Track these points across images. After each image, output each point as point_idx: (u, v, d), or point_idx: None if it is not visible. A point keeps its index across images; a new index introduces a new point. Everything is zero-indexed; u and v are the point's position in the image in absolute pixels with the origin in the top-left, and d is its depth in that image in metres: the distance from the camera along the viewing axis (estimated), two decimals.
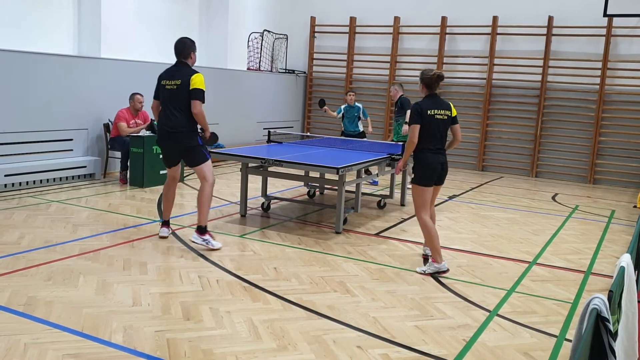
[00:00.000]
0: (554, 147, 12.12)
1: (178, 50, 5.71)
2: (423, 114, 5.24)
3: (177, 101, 5.54)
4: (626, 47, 11.43)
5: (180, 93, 5.51)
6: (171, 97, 5.57)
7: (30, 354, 3.36)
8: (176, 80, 5.55)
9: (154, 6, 10.99)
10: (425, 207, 5.41)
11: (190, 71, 5.61)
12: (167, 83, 5.62)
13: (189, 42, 5.77)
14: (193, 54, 5.77)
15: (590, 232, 7.24)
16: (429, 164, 5.30)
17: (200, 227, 5.62)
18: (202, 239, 5.58)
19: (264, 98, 13.24)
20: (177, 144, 5.62)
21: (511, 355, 3.70)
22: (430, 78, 5.34)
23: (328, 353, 3.59)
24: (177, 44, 5.73)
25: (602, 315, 2.24)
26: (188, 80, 5.49)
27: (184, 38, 5.79)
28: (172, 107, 5.56)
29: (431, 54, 12.94)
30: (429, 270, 5.25)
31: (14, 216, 6.46)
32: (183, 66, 5.67)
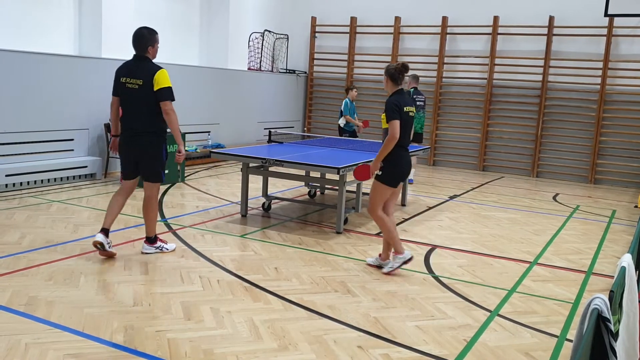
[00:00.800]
0: (554, 147, 12.11)
1: (135, 43, 5.09)
2: (401, 111, 5.09)
3: (140, 102, 5.03)
4: (627, 47, 11.43)
5: (143, 94, 5.00)
6: (133, 97, 5.05)
7: (31, 354, 3.37)
8: (137, 80, 5.01)
9: (154, 6, 10.99)
10: (381, 205, 5.26)
11: (152, 68, 5.04)
12: (127, 81, 5.07)
13: (147, 34, 5.10)
14: (152, 47, 5.14)
15: (591, 232, 7.24)
16: (402, 164, 5.19)
17: (150, 238, 5.37)
18: (155, 247, 5.35)
19: (265, 98, 13.24)
20: (139, 147, 5.12)
21: (512, 356, 3.70)
22: (396, 69, 5.19)
23: (329, 353, 3.59)
24: (133, 36, 5.10)
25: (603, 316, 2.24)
26: (151, 79, 4.97)
27: (142, 29, 5.14)
28: (135, 108, 5.06)
29: (432, 54, 12.94)
30: (396, 264, 5.19)
31: (15, 216, 6.47)
32: (143, 61, 5.09)
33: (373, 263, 5.41)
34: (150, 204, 5.33)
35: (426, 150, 9.27)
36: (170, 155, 6.31)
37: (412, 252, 5.92)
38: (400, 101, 5.12)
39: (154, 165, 5.22)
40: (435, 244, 6.28)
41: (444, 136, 13.13)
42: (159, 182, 5.29)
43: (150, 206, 5.33)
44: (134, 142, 5.14)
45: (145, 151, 5.16)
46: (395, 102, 5.08)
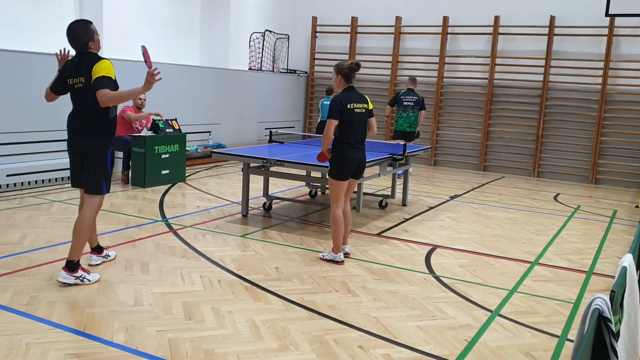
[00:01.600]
0: (555, 147, 12.11)
1: (71, 43, 4.54)
2: (343, 109, 5.26)
3: (84, 102, 4.49)
4: (628, 47, 11.42)
5: (85, 92, 4.44)
6: (78, 97, 4.54)
7: (32, 353, 3.37)
8: (81, 77, 4.46)
9: (155, 6, 11.00)
10: (339, 200, 5.46)
11: (93, 61, 4.44)
12: (73, 81, 4.53)
13: (80, 31, 4.51)
14: (93, 41, 4.55)
15: (592, 232, 7.24)
16: (347, 158, 5.37)
17: (71, 263, 4.46)
18: (75, 277, 4.46)
19: (266, 98, 13.25)
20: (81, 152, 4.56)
21: (513, 356, 3.70)
22: (349, 68, 5.32)
23: (330, 353, 3.59)
24: (67, 34, 4.52)
25: (604, 316, 2.24)
26: (91, 74, 4.38)
27: (73, 25, 4.54)
28: (80, 110, 4.54)
29: (433, 54, 12.94)
30: (327, 257, 5.43)
31: (16, 216, 6.47)
32: (85, 56, 4.50)
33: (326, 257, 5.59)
34: (83, 220, 4.53)
35: (427, 150, 9.29)
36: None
37: (413, 252, 5.93)
38: (344, 100, 5.31)
39: (95, 174, 4.55)
40: (436, 244, 6.28)
41: (444, 136, 13.13)
42: (99, 194, 4.60)
43: (82, 222, 4.53)
44: (77, 145, 4.57)
45: (87, 157, 4.55)
46: (338, 101, 5.29)
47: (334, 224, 5.45)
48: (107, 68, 4.40)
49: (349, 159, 5.41)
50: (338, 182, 5.42)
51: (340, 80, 5.40)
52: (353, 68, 5.34)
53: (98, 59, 4.44)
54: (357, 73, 5.44)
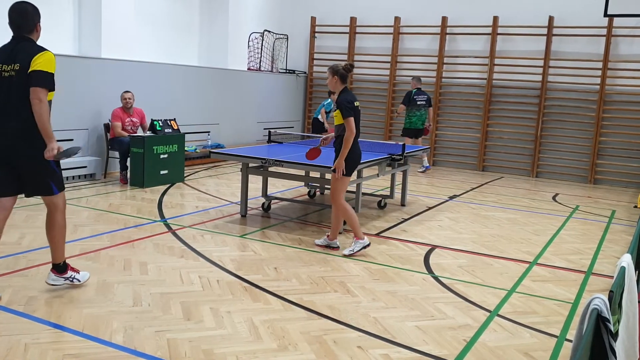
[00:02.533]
0: (554, 147, 12.12)
1: (17, 22, 4.03)
2: (354, 107, 5.49)
3: (18, 96, 3.89)
4: (627, 47, 11.43)
5: (21, 83, 3.88)
6: (9, 87, 3.92)
7: (31, 354, 3.37)
8: (15, 64, 3.91)
9: (154, 6, 10.99)
10: (343, 194, 5.73)
11: (34, 49, 3.97)
12: (4, 68, 3.94)
13: (30, 9, 4.07)
14: (38, 26, 4.15)
15: (591, 232, 7.24)
16: (355, 154, 5.63)
17: (58, 266, 4.35)
18: (64, 278, 4.38)
19: (265, 98, 13.24)
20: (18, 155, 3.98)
21: (512, 356, 3.70)
22: (344, 69, 5.56)
23: (328, 353, 3.59)
24: (13, 13, 4.03)
25: (603, 316, 2.24)
26: (29, 62, 3.88)
27: (24, 3, 4.09)
28: (11, 104, 3.92)
29: (431, 54, 12.94)
30: (356, 248, 5.64)
31: (15, 216, 6.45)
32: (25, 42, 4.03)
33: (321, 243, 5.90)
34: (53, 221, 4.22)
35: (426, 150, 9.29)
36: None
37: (412, 252, 5.93)
38: (351, 98, 5.53)
39: (42, 175, 4.07)
40: (435, 244, 6.29)
41: (443, 136, 13.13)
42: (53, 194, 4.16)
43: (53, 224, 4.23)
44: (11, 147, 3.97)
45: (28, 159, 4.01)
46: (348, 100, 5.47)
47: (347, 213, 5.67)
48: (51, 61, 3.91)
49: (357, 155, 5.68)
50: (344, 178, 5.63)
51: (336, 81, 5.59)
52: (348, 69, 5.58)
53: (41, 49, 3.97)
54: (354, 73, 5.61)
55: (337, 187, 5.66)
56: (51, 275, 4.38)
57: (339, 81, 5.57)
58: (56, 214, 4.24)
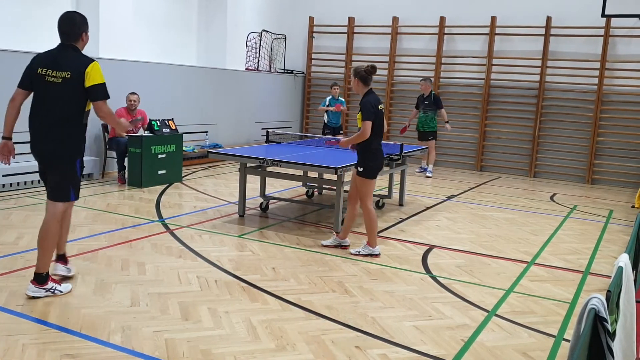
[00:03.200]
0: (552, 147, 12.13)
1: (65, 30, 4.18)
2: (376, 111, 5.50)
3: (63, 102, 4.10)
4: (624, 48, 11.45)
5: (68, 90, 4.08)
6: (54, 95, 4.10)
7: (29, 354, 3.36)
8: (64, 72, 4.08)
9: (152, 6, 10.98)
10: (370, 197, 5.74)
11: (83, 59, 4.14)
12: (48, 73, 4.10)
13: (79, 19, 4.22)
14: (85, 35, 4.27)
15: (589, 232, 7.25)
16: (379, 159, 5.69)
17: (40, 276, 4.18)
18: (45, 289, 4.20)
19: (263, 98, 13.24)
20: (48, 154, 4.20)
21: (509, 355, 3.70)
22: (365, 71, 5.54)
23: (327, 353, 3.59)
24: (62, 22, 4.19)
25: (600, 315, 2.24)
26: (82, 73, 4.07)
27: (73, 13, 4.31)
28: (53, 110, 4.11)
29: (430, 54, 12.95)
30: (363, 252, 5.68)
31: (12, 216, 6.45)
32: (71, 51, 4.18)
33: (331, 244, 5.92)
34: (47, 229, 4.21)
35: (424, 150, 9.30)
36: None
37: (410, 252, 5.93)
38: (375, 101, 5.53)
39: (62, 179, 4.23)
40: (433, 244, 6.29)
41: (441, 136, 13.10)
42: (65, 201, 4.26)
43: (47, 231, 4.20)
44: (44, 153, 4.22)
45: (54, 160, 4.21)
46: (372, 103, 5.49)
47: (370, 218, 5.68)
48: (100, 71, 4.16)
49: (380, 158, 5.73)
50: (370, 181, 5.66)
51: (357, 83, 5.60)
52: (369, 71, 5.56)
53: (89, 60, 4.16)
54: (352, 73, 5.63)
55: (363, 190, 5.66)
56: (31, 287, 4.18)
57: (360, 83, 5.57)
58: (52, 221, 4.23)
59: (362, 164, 5.64)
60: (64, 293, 4.30)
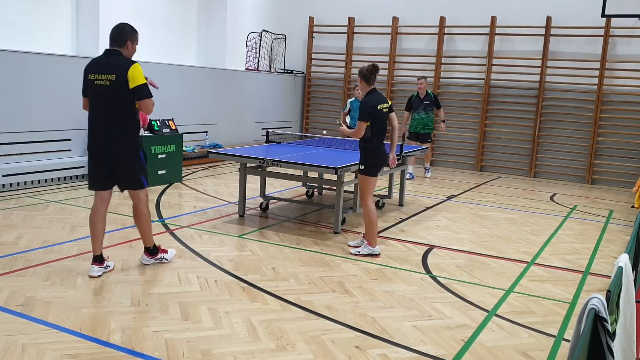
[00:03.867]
0: (552, 147, 12.13)
1: (114, 35, 4.67)
2: (374, 111, 5.54)
3: (112, 102, 4.53)
4: (624, 48, 11.45)
5: (115, 91, 4.49)
6: (103, 96, 4.53)
7: (29, 354, 3.36)
8: (109, 75, 4.49)
9: (152, 6, 10.98)
10: (371, 195, 5.76)
11: (125, 62, 4.56)
12: (96, 78, 4.54)
13: (128, 28, 4.71)
14: (130, 43, 4.69)
15: (589, 232, 7.25)
16: (379, 156, 5.69)
17: (149, 249, 5.04)
18: (155, 259, 5.06)
19: (263, 98, 13.24)
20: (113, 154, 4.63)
21: (509, 355, 3.70)
22: (368, 70, 5.68)
23: (326, 353, 3.59)
24: (113, 29, 4.73)
25: (600, 315, 2.24)
26: (125, 74, 4.46)
27: (123, 24, 4.77)
28: (105, 110, 4.56)
29: (429, 54, 12.95)
30: (363, 251, 5.68)
31: (12, 216, 6.45)
32: (115, 56, 4.61)
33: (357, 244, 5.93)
34: (139, 213, 4.89)
35: (424, 150, 9.29)
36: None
37: (410, 252, 5.93)
38: (375, 101, 5.59)
39: (134, 172, 4.72)
40: (433, 244, 6.29)
41: (441, 136, 13.13)
42: (141, 188, 4.79)
43: (140, 215, 4.89)
44: (106, 147, 4.62)
45: (122, 157, 4.65)
46: (371, 103, 5.56)
47: (370, 217, 5.68)
48: (142, 73, 4.55)
49: (382, 157, 5.74)
50: (371, 179, 5.69)
51: (360, 82, 5.76)
52: (371, 70, 5.70)
53: (131, 62, 4.55)
54: (351, 73, 5.64)
55: (364, 188, 5.71)
56: (144, 257, 5.05)
57: (363, 83, 5.71)
58: (140, 205, 4.86)
59: (362, 161, 5.69)
60: (169, 260, 5.12)
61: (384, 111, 5.69)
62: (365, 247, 5.72)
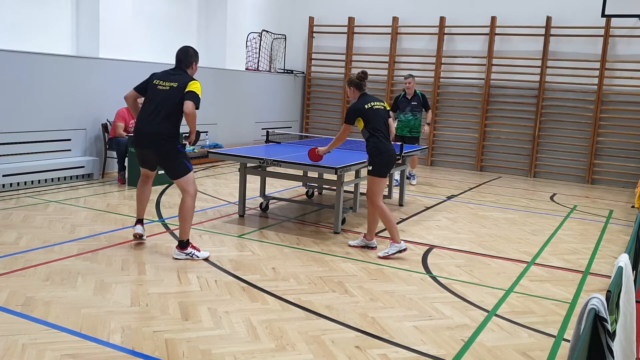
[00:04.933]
0: (552, 147, 12.13)
1: (180, 57, 5.41)
2: (362, 110, 5.60)
3: (167, 104, 5.15)
4: (624, 48, 11.45)
5: (173, 96, 5.15)
6: (161, 98, 5.18)
7: (29, 354, 3.36)
8: (172, 82, 5.21)
9: (152, 6, 10.98)
10: (380, 195, 5.76)
11: (189, 78, 5.30)
12: (159, 83, 5.25)
13: (192, 52, 5.46)
14: (195, 65, 5.48)
15: (589, 232, 7.25)
16: (384, 152, 5.65)
17: (182, 242, 5.26)
18: (185, 254, 5.23)
19: (263, 98, 13.24)
20: (155, 151, 5.22)
21: (509, 355, 3.70)
22: (359, 78, 5.70)
23: (326, 353, 3.59)
24: (179, 52, 5.44)
25: (600, 315, 2.24)
26: (186, 84, 5.16)
27: (187, 47, 5.49)
28: (159, 109, 5.16)
29: (430, 54, 12.95)
30: (392, 251, 5.65)
31: (12, 216, 6.45)
32: (181, 72, 5.36)
33: (358, 244, 5.97)
34: (183, 204, 5.24)
35: (424, 150, 9.28)
36: None
37: (410, 252, 5.93)
38: (362, 103, 5.64)
39: (176, 164, 5.23)
40: (432, 244, 6.29)
41: (441, 136, 13.14)
42: (188, 172, 5.25)
43: (183, 206, 5.24)
44: (151, 144, 5.20)
45: (163, 155, 5.22)
46: (357, 107, 5.63)
47: (385, 216, 5.69)
48: (200, 88, 5.19)
49: (387, 152, 5.68)
50: (380, 180, 5.68)
51: (353, 91, 5.76)
52: (361, 77, 5.71)
53: (193, 78, 5.28)
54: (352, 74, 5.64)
55: (373, 189, 5.70)
56: (175, 251, 5.26)
57: (355, 90, 5.74)
58: (187, 197, 5.23)
59: (370, 161, 5.69)
60: (200, 258, 5.22)
61: (374, 108, 5.68)
62: (392, 246, 5.68)
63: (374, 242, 5.95)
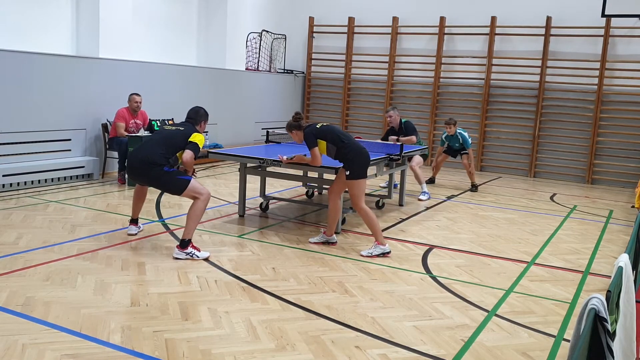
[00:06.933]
0: (552, 147, 12.13)
1: (190, 115, 5.73)
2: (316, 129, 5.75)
3: (168, 140, 5.41)
4: (624, 48, 11.45)
5: (176, 136, 5.44)
6: (165, 133, 5.51)
7: (29, 354, 3.36)
8: (180, 127, 5.56)
9: (152, 6, 10.98)
10: (362, 197, 5.78)
11: (195, 129, 5.60)
12: (169, 124, 5.86)
13: (202, 112, 5.77)
14: (203, 123, 5.74)
15: (589, 232, 7.25)
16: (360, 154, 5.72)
17: (183, 241, 5.28)
18: (186, 253, 5.25)
19: (263, 98, 13.24)
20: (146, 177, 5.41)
21: (509, 355, 3.70)
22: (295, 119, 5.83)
23: (326, 353, 3.59)
24: (191, 110, 5.76)
25: (600, 315, 2.24)
26: (190, 133, 5.44)
27: (199, 107, 5.81)
28: (157, 139, 5.45)
29: (430, 54, 12.95)
30: (375, 252, 5.68)
31: (12, 216, 6.45)
32: (190, 126, 5.61)
33: (318, 241, 6.02)
34: (193, 205, 5.36)
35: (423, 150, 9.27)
36: None
37: (410, 252, 5.93)
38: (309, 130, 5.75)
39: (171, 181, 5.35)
40: (432, 244, 6.29)
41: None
42: (187, 184, 5.33)
43: (192, 205, 5.37)
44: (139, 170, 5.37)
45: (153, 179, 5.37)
46: (309, 132, 5.74)
47: (369, 218, 5.72)
48: (203, 141, 5.49)
49: (358, 154, 5.71)
50: (359, 182, 5.72)
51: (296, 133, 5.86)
52: (297, 118, 5.85)
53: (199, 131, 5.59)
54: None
55: (355, 193, 5.74)
56: (175, 251, 5.30)
57: (297, 131, 5.85)
58: (197, 201, 5.35)
59: (346, 167, 5.74)
60: (200, 258, 5.26)
61: (325, 124, 5.87)
62: (376, 247, 5.71)
63: (334, 237, 6.03)
